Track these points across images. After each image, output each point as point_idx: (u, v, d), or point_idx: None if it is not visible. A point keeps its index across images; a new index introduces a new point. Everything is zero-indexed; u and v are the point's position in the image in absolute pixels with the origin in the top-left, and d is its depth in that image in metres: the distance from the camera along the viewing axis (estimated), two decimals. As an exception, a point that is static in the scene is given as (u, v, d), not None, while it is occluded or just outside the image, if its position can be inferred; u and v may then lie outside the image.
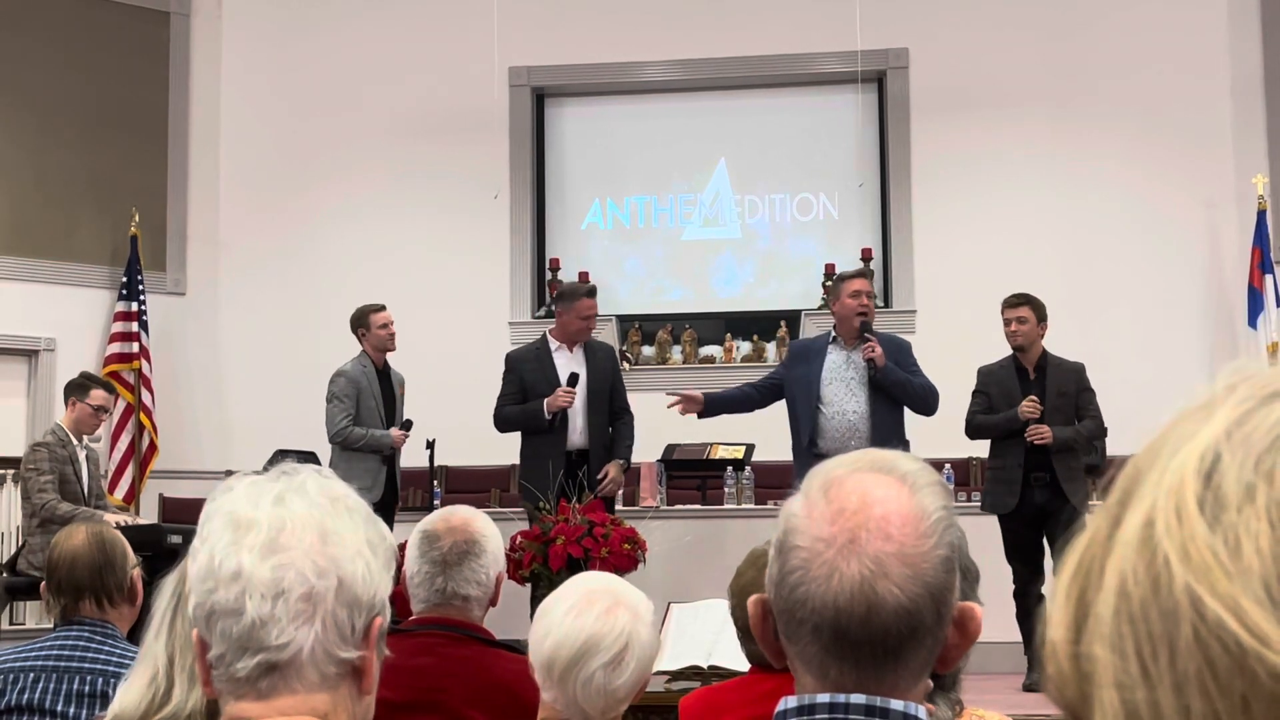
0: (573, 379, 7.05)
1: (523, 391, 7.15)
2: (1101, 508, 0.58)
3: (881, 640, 1.18)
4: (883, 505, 1.20)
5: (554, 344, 7.24)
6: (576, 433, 7.10)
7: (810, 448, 6.49)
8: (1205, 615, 0.52)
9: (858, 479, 1.22)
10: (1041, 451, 6.84)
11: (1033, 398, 6.83)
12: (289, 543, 1.31)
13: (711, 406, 7.08)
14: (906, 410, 6.74)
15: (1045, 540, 6.93)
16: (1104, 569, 0.56)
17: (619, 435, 7.26)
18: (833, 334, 6.81)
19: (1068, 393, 6.94)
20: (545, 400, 7.02)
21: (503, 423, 7.25)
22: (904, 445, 6.56)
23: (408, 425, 7.62)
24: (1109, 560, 0.56)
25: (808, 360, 6.78)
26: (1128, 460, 0.59)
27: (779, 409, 6.98)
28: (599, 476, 7.05)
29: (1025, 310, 6.98)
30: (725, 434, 8.38)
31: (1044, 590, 6.73)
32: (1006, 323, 7.01)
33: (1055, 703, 0.57)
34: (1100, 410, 6.99)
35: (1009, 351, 7.11)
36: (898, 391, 6.62)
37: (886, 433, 6.53)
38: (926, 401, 6.71)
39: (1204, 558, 0.53)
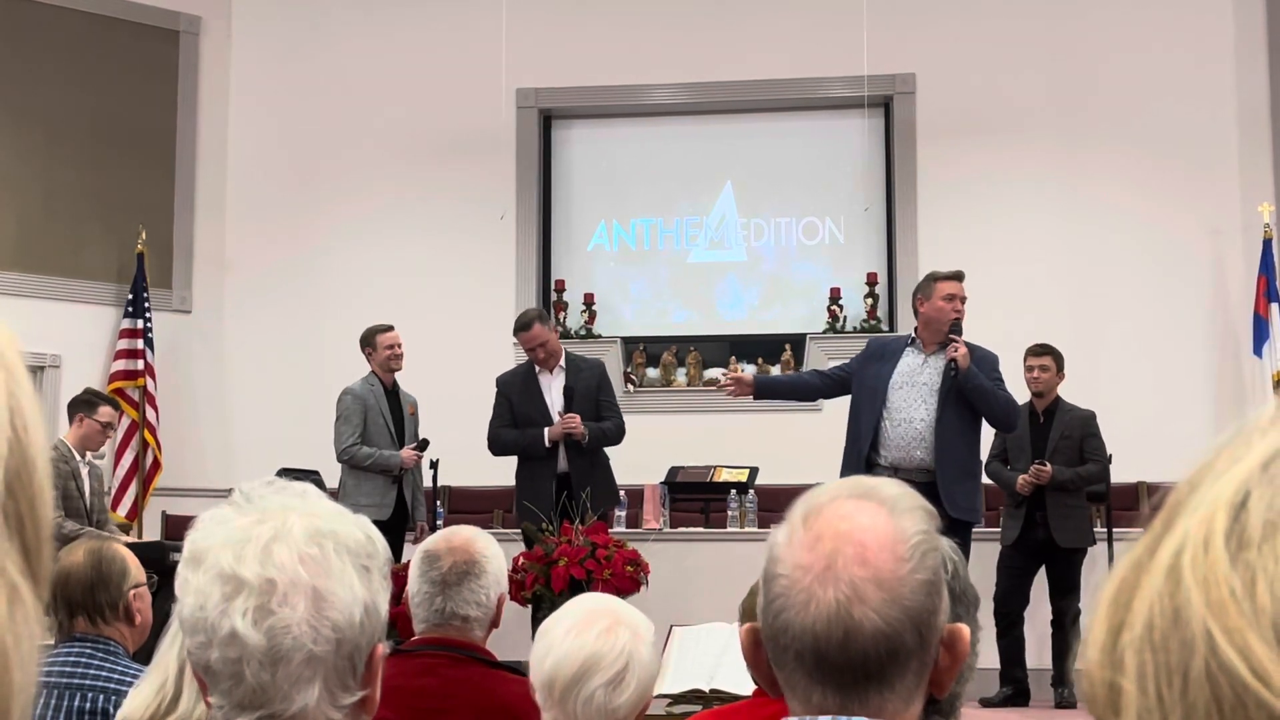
0: (567, 392, 7.21)
1: (512, 414, 7.32)
2: (1147, 531, 0.58)
3: (861, 664, 1.18)
4: (860, 531, 1.20)
5: (537, 366, 7.42)
6: (561, 457, 7.23)
7: (870, 457, 6.00)
8: (1216, 650, 0.52)
9: (837, 506, 1.23)
10: (1044, 490, 7.26)
11: (1025, 478, 7.20)
12: (281, 607, 1.26)
13: (764, 389, 6.69)
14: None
15: (1047, 570, 7.32)
16: (1136, 594, 0.56)
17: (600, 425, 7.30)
18: (912, 335, 6.31)
19: (1072, 437, 7.39)
20: (546, 430, 7.14)
21: (498, 446, 7.42)
22: (975, 462, 6.28)
23: (423, 445, 7.63)
24: (1141, 587, 0.56)
25: (882, 360, 6.25)
26: (1176, 484, 0.58)
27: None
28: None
29: (1048, 359, 7.48)
30: (729, 457, 8.37)
31: (1024, 613, 7.24)
32: (1029, 369, 7.46)
33: (1091, 716, 0.57)
34: (1105, 454, 7.42)
35: (1023, 390, 7.42)
36: (979, 398, 6.07)
37: (954, 444, 6.06)
38: (1008, 414, 6.25)
39: (1221, 593, 0.52)
